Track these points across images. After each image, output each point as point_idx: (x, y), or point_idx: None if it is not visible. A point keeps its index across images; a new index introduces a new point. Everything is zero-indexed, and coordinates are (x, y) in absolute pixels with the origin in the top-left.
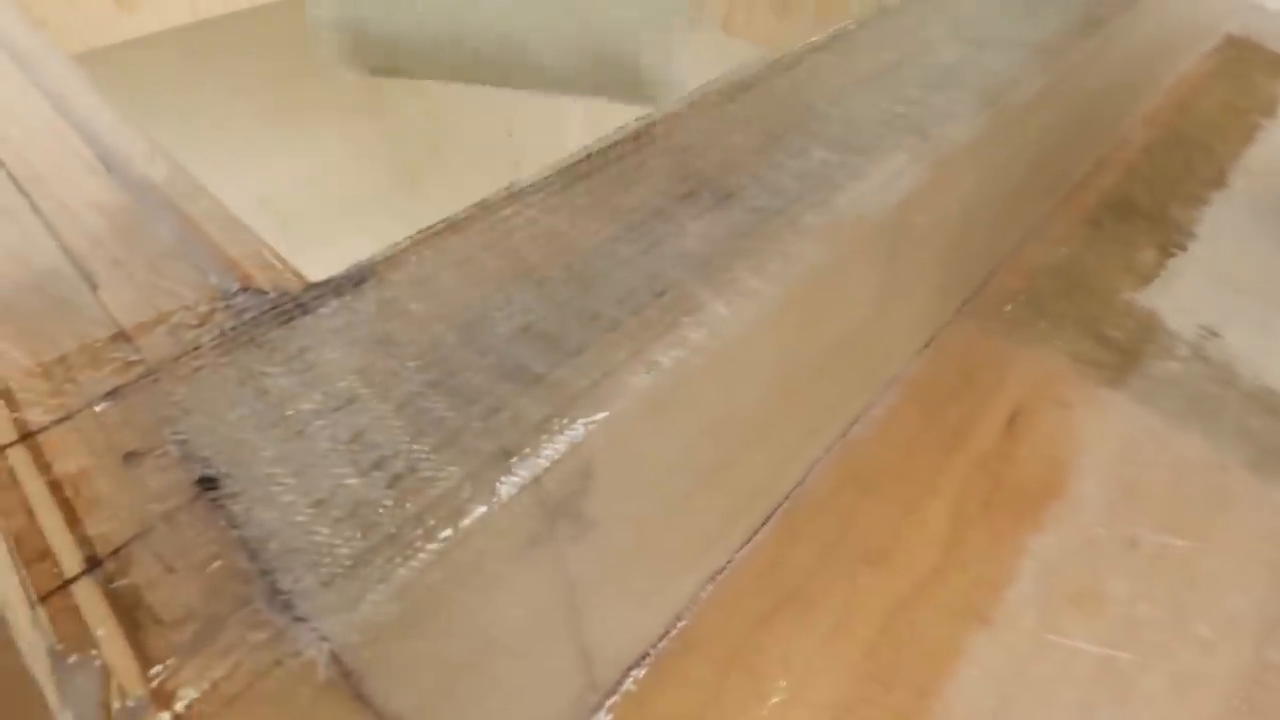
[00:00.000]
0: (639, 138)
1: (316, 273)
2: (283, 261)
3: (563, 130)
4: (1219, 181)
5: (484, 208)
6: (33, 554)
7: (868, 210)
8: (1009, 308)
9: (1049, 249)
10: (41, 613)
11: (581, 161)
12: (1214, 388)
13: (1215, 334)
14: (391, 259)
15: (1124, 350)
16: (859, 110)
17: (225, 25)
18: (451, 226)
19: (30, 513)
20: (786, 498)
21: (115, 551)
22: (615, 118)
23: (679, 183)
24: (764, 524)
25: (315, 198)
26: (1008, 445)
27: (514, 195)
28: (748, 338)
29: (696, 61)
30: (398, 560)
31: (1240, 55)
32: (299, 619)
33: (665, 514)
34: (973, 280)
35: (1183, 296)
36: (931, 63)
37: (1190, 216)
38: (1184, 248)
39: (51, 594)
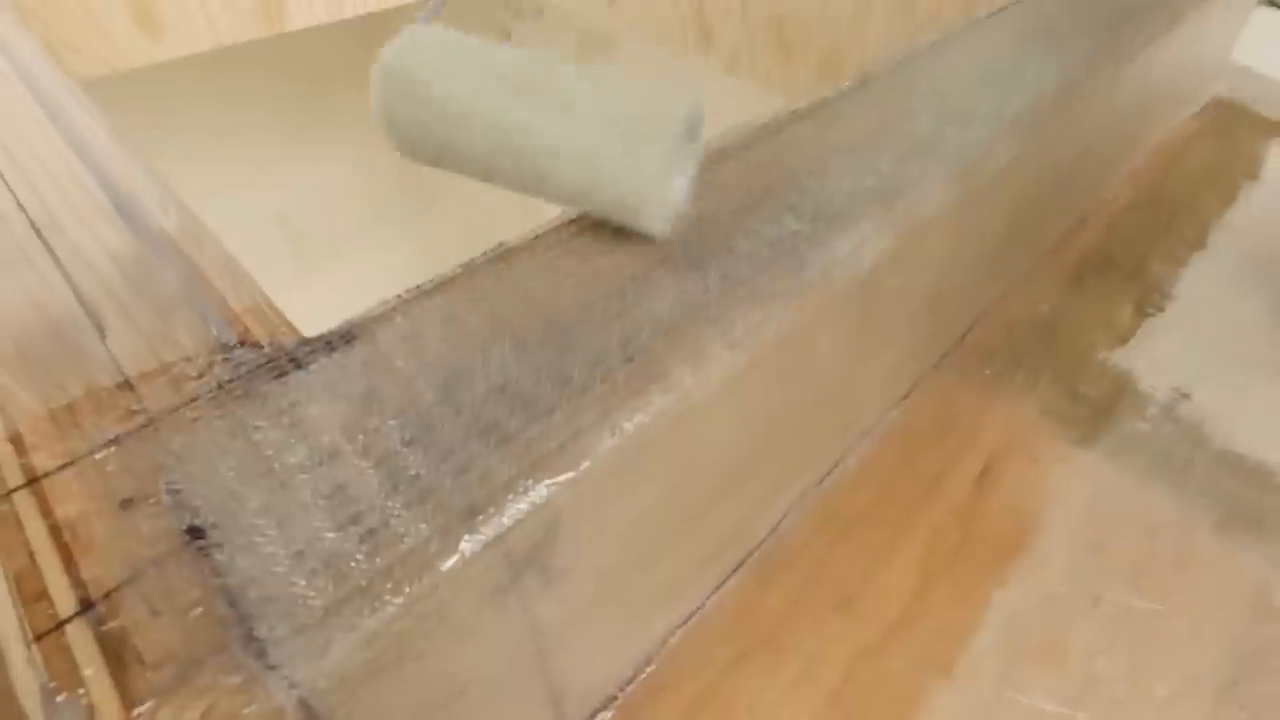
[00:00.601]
0: None
1: (327, 289)
2: (279, 314)
3: None
4: (1199, 242)
5: (470, 269)
6: (31, 594)
7: (834, 278)
8: (988, 361)
9: (1030, 304)
10: (36, 651)
11: (568, 225)
12: (1182, 449)
13: (1187, 395)
14: (381, 317)
15: (1097, 408)
16: (833, 180)
17: (249, 51)
18: (439, 286)
19: (31, 554)
20: (760, 544)
21: (107, 595)
22: None
23: (656, 248)
24: (736, 570)
25: (331, 216)
26: (979, 497)
27: (500, 256)
28: (713, 402)
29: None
30: (366, 611)
31: (1226, 117)
32: (271, 666)
33: (634, 563)
34: (953, 333)
35: (1158, 356)
36: (907, 133)
37: (1170, 276)
38: (1162, 308)
39: (46, 634)
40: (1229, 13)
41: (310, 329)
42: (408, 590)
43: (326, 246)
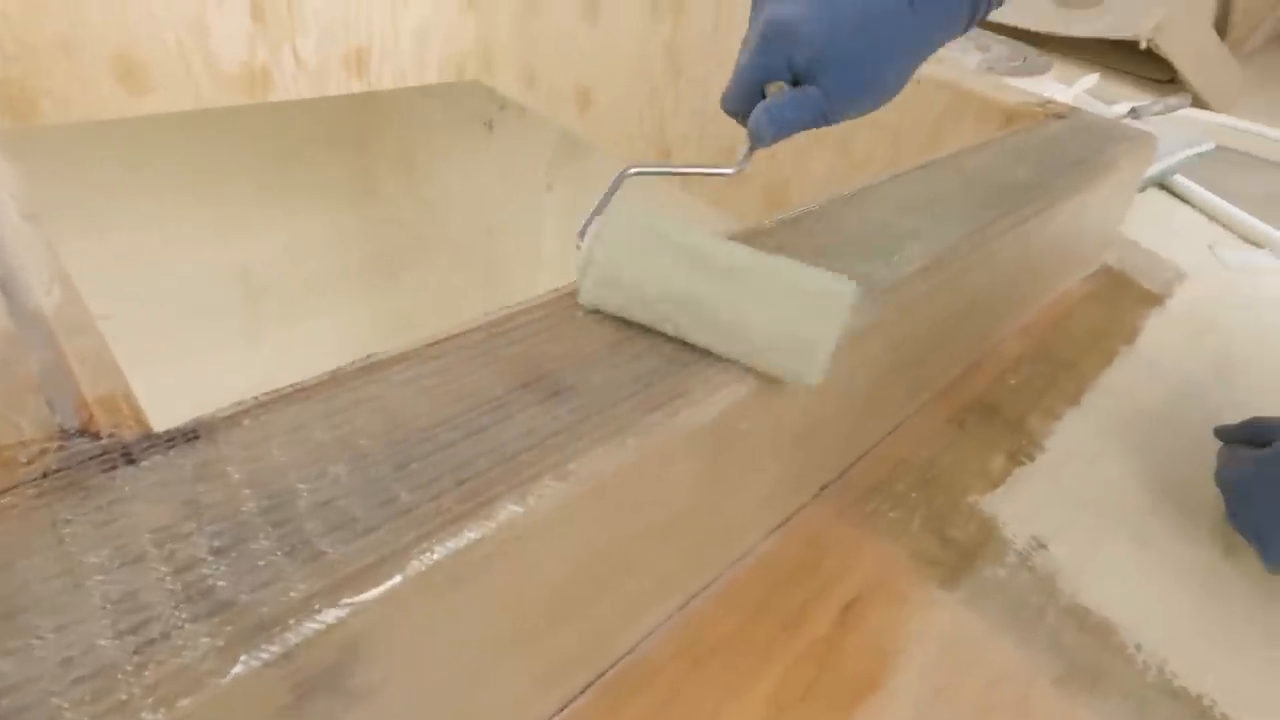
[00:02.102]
0: (505, 323)
1: (280, 345)
2: (134, 408)
3: (537, 236)
4: (1075, 399)
5: (335, 378)
6: None
7: (685, 419)
8: (867, 497)
9: (913, 445)
10: None
11: (438, 343)
12: (1035, 599)
13: (1044, 545)
14: (229, 418)
15: (962, 552)
16: None
17: (234, 111)
18: (298, 392)
19: None
20: (613, 666)
21: None
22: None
23: (522, 373)
24: (584, 692)
25: (293, 275)
26: (840, 634)
27: (368, 368)
28: (543, 531)
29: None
30: None
31: (1113, 284)
32: None
33: (464, 681)
34: (832, 468)
35: (1022, 505)
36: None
37: (1044, 429)
38: (1033, 458)
39: None
40: (1115, 191)
41: (250, 385)
42: (170, 707)
43: (286, 305)
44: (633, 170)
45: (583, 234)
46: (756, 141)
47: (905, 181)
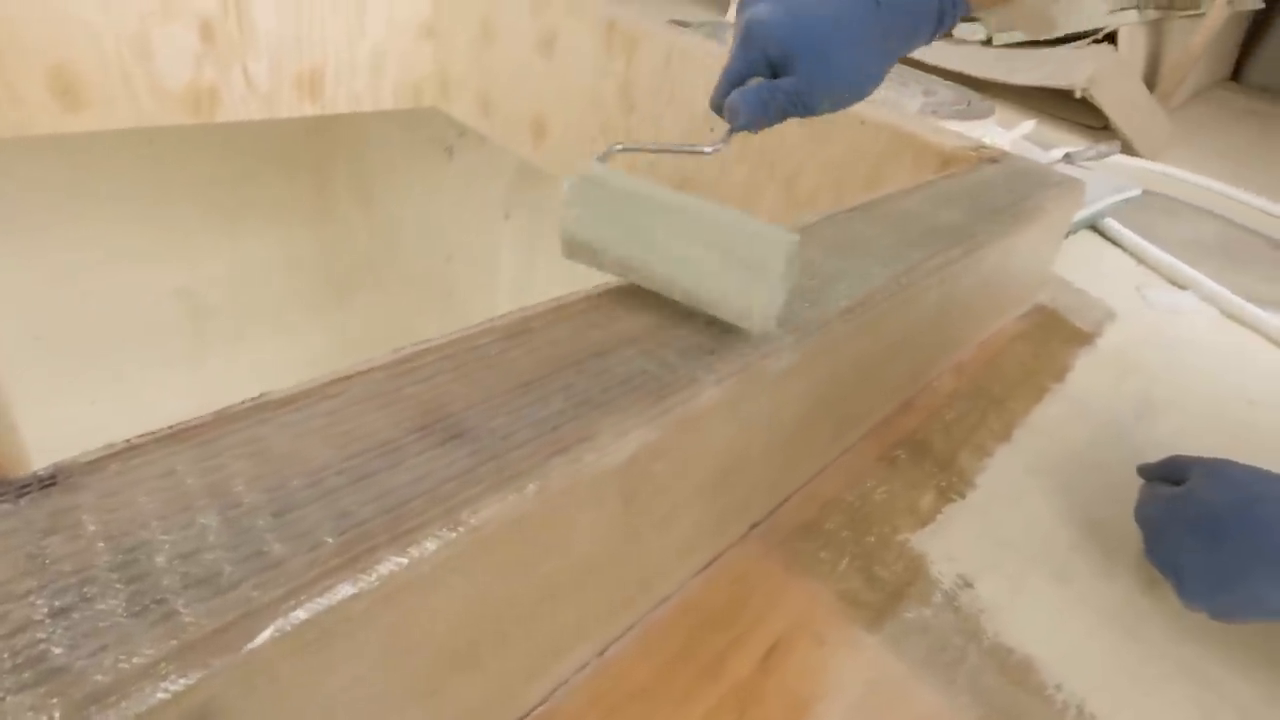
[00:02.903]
0: (408, 362)
1: (223, 367)
2: (9, 450)
3: (495, 263)
4: (1005, 436)
5: (219, 418)
6: None
7: (591, 463)
8: (796, 537)
9: (844, 483)
10: None
11: (336, 381)
12: (958, 640)
13: (970, 584)
14: (93, 463)
15: (888, 591)
16: (613, 366)
17: (181, 131)
18: (176, 433)
19: None
20: (529, 714)
21: None
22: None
23: (421, 415)
24: None
25: (240, 297)
26: (760, 678)
27: (256, 408)
28: (431, 581)
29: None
30: None
31: (1045, 323)
32: None
33: None
34: (763, 506)
35: (950, 543)
36: (697, 328)
37: (975, 466)
38: (963, 495)
39: None
40: (1044, 234)
41: (192, 409)
42: None
43: (232, 328)
44: (618, 147)
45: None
46: (729, 120)
47: (835, 223)
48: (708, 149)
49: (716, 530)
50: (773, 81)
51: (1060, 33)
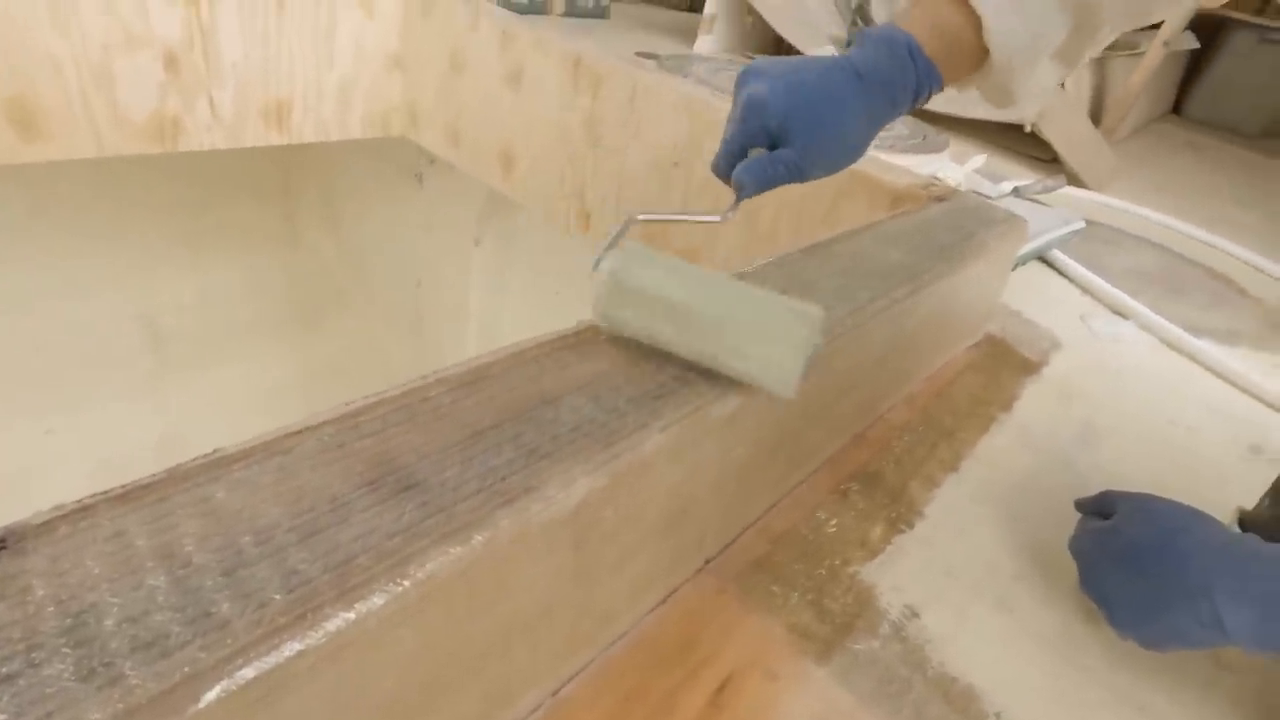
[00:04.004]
0: (360, 415)
1: (187, 397)
2: None
3: (465, 290)
4: (953, 466)
5: (171, 476)
6: None
7: (540, 512)
8: (749, 572)
9: (797, 517)
10: None
11: (288, 436)
12: (904, 670)
13: (916, 615)
14: (44, 525)
15: (837, 624)
16: (564, 414)
17: (145, 158)
18: (127, 494)
19: None
20: None
21: None
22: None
23: (371, 468)
24: None
25: (204, 322)
26: (712, 713)
27: (208, 465)
28: (377, 636)
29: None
30: None
31: (995, 353)
32: None
33: None
34: (716, 543)
35: (899, 574)
36: (646, 374)
37: (924, 497)
38: (912, 525)
39: None
40: (989, 269)
41: (153, 437)
42: None
43: (196, 354)
44: (640, 217)
45: (597, 266)
46: (738, 192)
47: (784, 265)
48: (717, 217)
49: (670, 568)
50: (772, 154)
51: (1017, 105)
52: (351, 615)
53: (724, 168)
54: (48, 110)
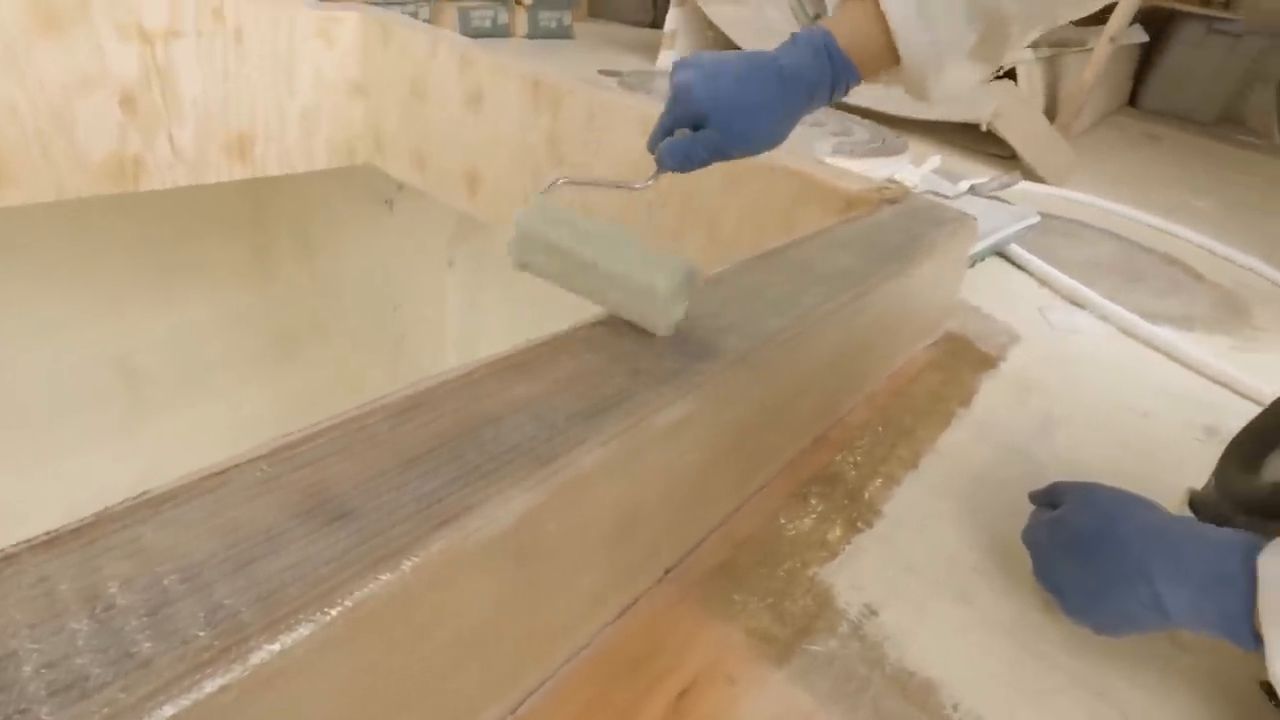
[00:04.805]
0: (295, 446)
1: (163, 435)
2: None
3: (441, 312)
4: (913, 463)
5: (106, 517)
6: None
7: (475, 532)
8: (710, 578)
9: (758, 521)
10: None
11: (220, 472)
12: (862, 668)
13: (875, 613)
14: None
15: (796, 626)
16: (504, 433)
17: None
18: (51, 541)
19: None
20: None
21: None
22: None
23: (305, 498)
24: None
25: (178, 359)
26: None
27: (136, 506)
28: (306, 666)
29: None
30: None
31: (954, 350)
32: None
33: None
34: (676, 550)
35: (857, 573)
36: (589, 389)
37: (883, 495)
38: (871, 525)
39: None
40: (942, 268)
41: (128, 480)
42: None
43: (170, 393)
44: (561, 180)
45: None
46: (659, 165)
47: (734, 274)
48: (638, 184)
49: (627, 579)
50: (694, 134)
51: (933, 104)
52: (277, 647)
53: (653, 146)
54: (6, 155)
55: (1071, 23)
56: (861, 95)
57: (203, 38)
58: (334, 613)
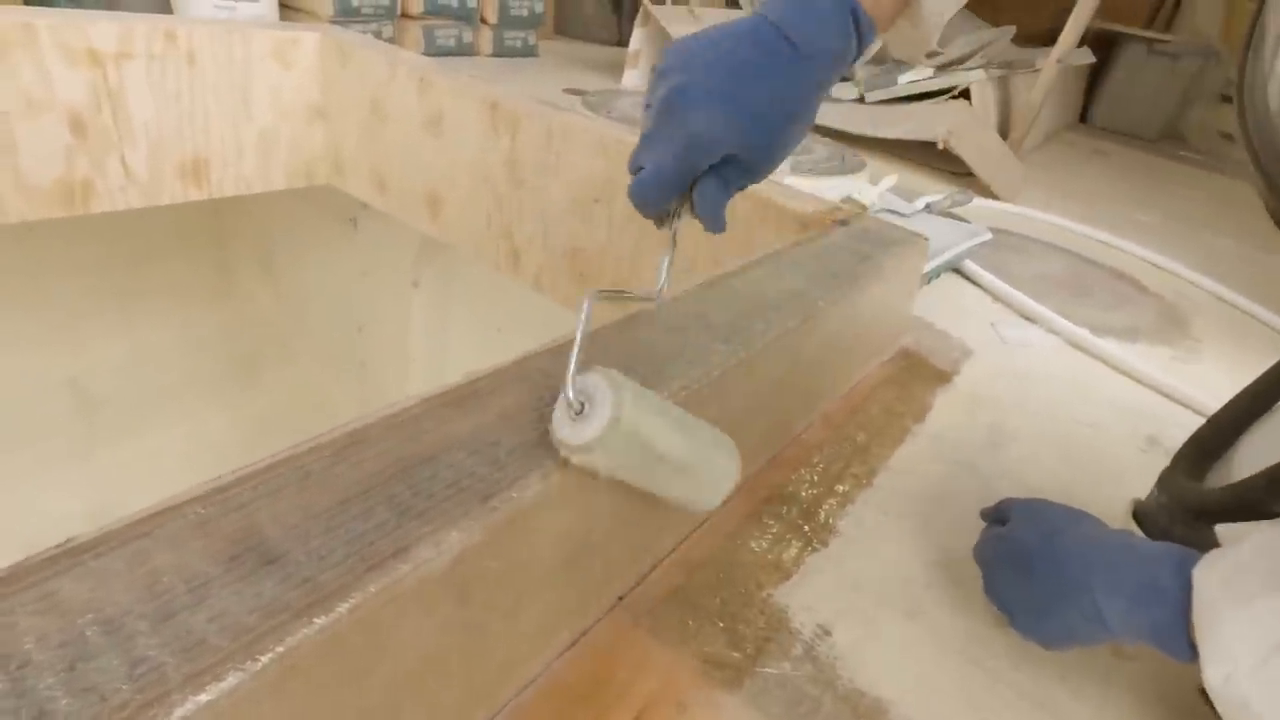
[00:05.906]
0: (222, 492)
1: (121, 460)
2: None
3: (405, 333)
4: (868, 481)
5: (20, 570)
6: None
7: (411, 573)
8: (662, 605)
9: (713, 543)
10: None
11: (146, 519)
12: (814, 690)
13: (828, 633)
14: None
15: (749, 650)
16: (441, 471)
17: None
18: None
19: None
20: None
21: None
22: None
23: (234, 544)
24: None
25: (136, 383)
26: None
27: (55, 558)
28: (237, 713)
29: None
30: None
31: (909, 366)
32: None
33: None
34: (628, 577)
35: (811, 594)
36: (533, 422)
37: (838, 514)
38: (826, 544)
39: None
40: (893, 287)
41: (83, 509)
42: None
43: (127, 418)
44: (596, 294)
45: (569, 388)
46: (711, 228)
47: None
48: (653, 302)
49: (579, 609)
50: (724, 179)
51: (928, 48)
52: (203, 698)
53: (661, 200)
54: None
55: (1021, 44)
56: (824, 114)
57: (154, 60)
58: (263, 660)
